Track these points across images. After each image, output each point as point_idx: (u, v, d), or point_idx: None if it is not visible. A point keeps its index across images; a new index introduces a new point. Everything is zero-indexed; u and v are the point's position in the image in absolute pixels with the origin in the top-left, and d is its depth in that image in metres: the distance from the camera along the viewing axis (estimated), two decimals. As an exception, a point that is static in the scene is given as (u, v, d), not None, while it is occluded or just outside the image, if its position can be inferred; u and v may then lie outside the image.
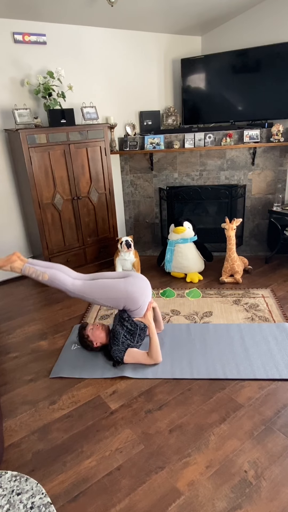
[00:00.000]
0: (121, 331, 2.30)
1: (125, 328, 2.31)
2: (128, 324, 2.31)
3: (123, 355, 2.25)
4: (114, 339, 2.29)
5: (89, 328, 2.39)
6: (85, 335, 2.37)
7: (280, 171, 3.88)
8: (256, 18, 3.64)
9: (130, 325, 2.31)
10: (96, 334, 2.36)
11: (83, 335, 2.38)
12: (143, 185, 4.14)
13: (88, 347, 2.38)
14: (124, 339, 2.29)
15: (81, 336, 2.39)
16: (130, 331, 2.31)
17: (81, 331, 2.40)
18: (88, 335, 2.36)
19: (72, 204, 3.42)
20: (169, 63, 4.04)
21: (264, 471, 1.62)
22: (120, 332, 2.30)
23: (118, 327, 2.32)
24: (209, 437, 1.80)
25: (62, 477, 1.66)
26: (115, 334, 2.31)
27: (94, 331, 2.37)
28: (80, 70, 3.51)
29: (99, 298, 2.28)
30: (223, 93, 3.88)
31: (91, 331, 2.37)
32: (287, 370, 2.15)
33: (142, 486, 1.60)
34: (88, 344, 2.37)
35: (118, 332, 2.30)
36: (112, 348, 2.28)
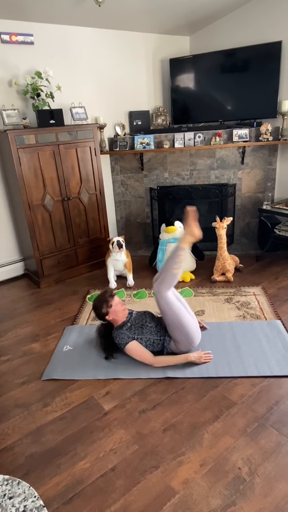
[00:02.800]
0: (149, 325, 2.29)
1: (153, 331, 2.30)
2: (160, 336, 2.30)
3: (127, 342, 2.22)
4: (128, 325, 2.27)
5: (117, 300, 2.33)
6: (109, 302, 2.29)
7: (269, 170, 3.92)
8: (244, 18, 3.66)
9: (160, 336, 2.30)
10: (118, 309, 2.30)
11: (107, 300, 2.29)
12: (134, 185, 4.14)
13: (100, 311, 2.29)
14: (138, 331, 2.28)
15: (103, 300, 2.29)
16: (152, 337, 2.30)
17: (106, 296, 2.31)
18: (111, 304, 2.29)
19: (62, 205, 3.40)
20: (157, 63, 4.04)
21: (257, 467, 1.63)
22: (148, 325, 2.29)
23: (148, 322, 2.31)
24: (203, 435, 1.81)
25: (56, 480, 1.65)
26: (136, 322, 2.28)
27: (119, 305, 2.31)
28: (69, 70, 3.49)
29: (172, 317, 2.22)
30: (212, 92, 3.90)
31: (117, 303, 2.31)
32: (278, 367, 2.17)
33: (137, 486, 1.60)
34: (102, 309, 2.28)
35: (144, 323, 2.29)
36: (119, 330, 2.24)
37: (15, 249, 3.69)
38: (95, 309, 2.34)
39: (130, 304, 3.07)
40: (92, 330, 2.70)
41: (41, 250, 3.38)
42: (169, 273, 2.20)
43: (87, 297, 3.21)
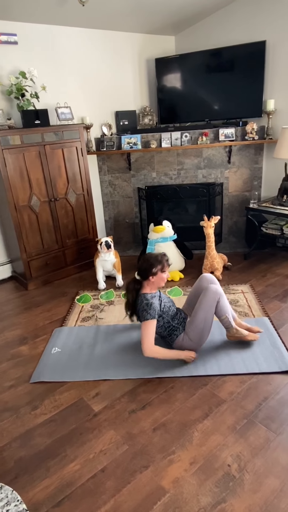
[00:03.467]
0: (174, 309, 2.30)
1: (174, 317, 2.30)
2: (177, 324, 2.30)
3: (151, 317, 2.15)
4: (159, 299, 2.25)
5: (168, 273, 2.26)
6: (164, 267, 2.20)
7: (255, 169, 3.95)
8: (228, 18, 3.69)
9: (177, 324, 2.30)
10: (163, 279, 2.23)
11: (164, 265, 2.20)
12: (122, 185, 4.13)
13: (151, 268, 2.18)
14: (165, 309, 2.26)
15: (161, 261, 2.20)
16: (171, 322, 2.29)
17: (164, 260, 2.22)
18: (164, 271, 2.21)
19: (49, 205, 3.37)
20: (143, 63, 4.04)
21: (247, 464, 1.65)
22: (173, 309, 2.30)
23: (173, 306, 2.33)
24: (193, 434, 1.81)
25: (45, 483, 1.64)
26: (165, 301, 2.27)
27: (165, 278, 2.24)
28: (54, 70, 3.47)
29: (206, 318, 2.23)
30: (198, 92, 3.92)
31: (166, 276, 2.24)
32: (266, 364, 2.19)
33: (127, 487, 1.59)
34: (154, 268, 2.18)
35: (170, 306, 2.30)
36: (151, 300, 2.18)
37: (2, 251, 3.65)
38: (146, 262, 2.20)
39: (120, 304, 3.06)
40: (81, 332, 2.69)
41: (28, 252, 3.35)
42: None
43: (76, 299, 3.19)
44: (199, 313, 2.23)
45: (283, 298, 2.96)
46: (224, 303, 2.26)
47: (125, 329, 2.68)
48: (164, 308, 2.27)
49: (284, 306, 2.84)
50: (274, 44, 3.47)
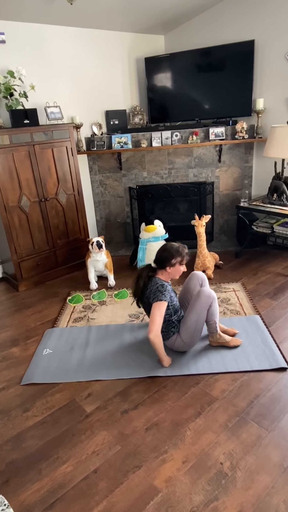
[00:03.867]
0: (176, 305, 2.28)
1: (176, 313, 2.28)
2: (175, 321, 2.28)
3: (165, 299, 2.13)
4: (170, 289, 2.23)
5: (184, 267, 2.24)
6: (183, 260, 2.19)
7: (245, 168, 3.97)
8: (217, 17, 3.70)
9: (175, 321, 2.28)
10: (178, 272, 2.22)
11: (183, 257, 2.19)
12: (113, 184, 4.12)
13: (170, 259, 2.16)
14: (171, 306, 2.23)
15: (181, 254, 2.18)
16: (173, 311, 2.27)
17: (184, 253, 2.20)
18: (183, 264, 2.21)
19: (39, 206, 3.34)
20: (133, 62, 4.03)
21: (239, 461, 1.65)
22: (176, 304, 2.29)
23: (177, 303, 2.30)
24: (185, 433, 1.82)
25: (37, 485, 1.62)
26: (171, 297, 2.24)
27: (181, 271, 2.23)
28: (43, 70, 3.44)
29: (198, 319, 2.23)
30: (188, 91, 3.92)
31: (182, 269, 2.23)
32: (257, 362, 2.20)
33: (120, 487, 1.59)
34: (174, 259, 2.16)
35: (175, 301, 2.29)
36: (165, 287, 2.16)
37: (-7, 252, 3.61)
38: (166, 252, 2.17)
39: (112, 305, 3.05)
40: (73, 332, 2.67)
41: (18, 253, 3.32)
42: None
43: (68, 299, 3.17)
44: (191, 314, 2.23)
45: (274, 296, 2.98)
46: (215, 308, 2.26)
47: (117, 329, 2.68)
48: (171, 299, 2.24)
49: (275, 304, 2.86)
50: (262, 44, 3.49)
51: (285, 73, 3.42)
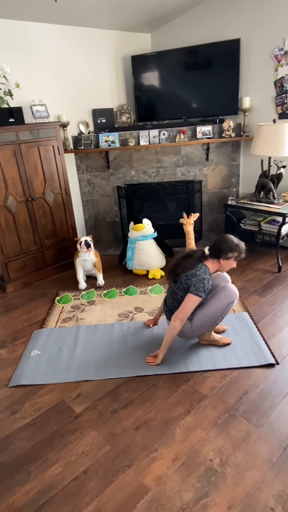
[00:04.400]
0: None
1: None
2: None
3: (201, 294, 2.09)
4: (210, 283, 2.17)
5: (236, 262, 2.19)
6: (240, 255, 2.13)
7: (233, 166, 4.00)
8: (203, 15, 3.71)
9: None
10: (229, 266, 2.16)
11: (240, 253, 2.12)
12: (101, 183, 4.10)
13: (228, 251, 2.10)
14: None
15: (240, 251, 2.12)
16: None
17: (243, 251, 2.13)
18: (237, 260, 2.15)
19: (26, 205, 3.30)
20: (120, 60, 4.02)
21: (228, 457, 1.66)
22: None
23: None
24: (175, 430, 1.82)
25: (26, 488, 1.61)
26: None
27: (232, 265, 2.17)
28: (28, 67, 3.39)
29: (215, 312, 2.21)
30: (175, 89, 3.92)
31: (234, 265, 2.17)
32: (246, 358, 2.22)
33: (110, 487, 1.58)
34: (231, 253, 2.11)
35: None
36: (208, 280, 2.11)
37: (-21, 253, 3.55)
38: (226, 244, 2.10)
39: (101, 304, 3.04)
40: (62, 333, 2.65)
41: (5, 253, 3.27)
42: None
43: (56, 299, 3.14)
44: (211, 305, 2.18)
45: (262, 293, 3.01)
46: (230, 309, 2.23)
47: (106, 329, 2.66)
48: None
49: (263, 301, 2.89)
50: (248, 42, 3.51)
51: (271, 72, 3.45)
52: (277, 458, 1.64)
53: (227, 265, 2.15)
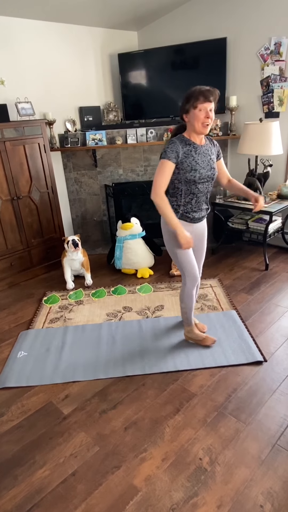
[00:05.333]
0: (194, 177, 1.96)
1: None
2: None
3: (168, 157, 1.89)
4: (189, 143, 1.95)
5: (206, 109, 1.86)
6: (198, 101, 1.85)
7: (220, 164, 4.01)
8: (189, 14, 3.70)
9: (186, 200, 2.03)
10: (199, 117, 1.86)
11: (197, 99, 1.85)
12: (88, 182, 4.06)
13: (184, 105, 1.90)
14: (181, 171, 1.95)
15: (192, 92, 1.88)
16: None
17: (200, 96, 1.86)
18: (197, 106, 1.85)
19: (12, 204, 3.25)
20: (106, 58, 3.98)
21: (218, 456, 1.66)
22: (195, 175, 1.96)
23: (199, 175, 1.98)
24: (164, 430, 1.81)
25: (13, 492, 1.57)
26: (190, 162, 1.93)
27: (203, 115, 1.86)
28: (13, 64, 3.33)
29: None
30: (162, 88, 3.91)
31: (205, 112, 1.86)
32: (234, 356, 2.23)
33: (99, 489, 1.56)
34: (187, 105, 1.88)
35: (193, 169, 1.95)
36: (172, 141, 1.93)
37: None
38: (185, 98, 1.90)
39: (89, 304, 3.01)
40: (49, 334, 2.61)
41: (-9, 253, 3.21)
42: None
43: (43, 300, 3.10)
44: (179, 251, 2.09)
45: (249, 291, 3.02)
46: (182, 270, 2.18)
47: (94, 328, 2.64)
48: (186, 162, 1.92)
49: (251, 299, 2.90)
50: (234, 41, 3.52)
51: (257, 71, 3.47)
52: (266, 455, 1.64)
53: (193, 118, 1.88)
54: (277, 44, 3.26)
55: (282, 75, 3.33)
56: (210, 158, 2.01)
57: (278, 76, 3.35)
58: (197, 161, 1.95)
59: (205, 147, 2.01)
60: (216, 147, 2.10)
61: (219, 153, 2.12)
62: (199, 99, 1.85)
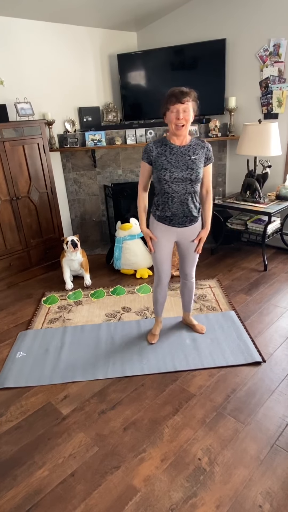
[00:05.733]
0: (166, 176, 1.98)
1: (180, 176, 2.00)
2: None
3: (144, 158, 2.01)
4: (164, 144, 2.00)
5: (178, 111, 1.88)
6: (170, 103, 1.88)
7: (219, 165, 4.02)
8: (189, 15, 3.71)
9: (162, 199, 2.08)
10: (171, 118, 1.89)
11: (169, 101, 1.88)
12: (87, 182, 4.06)
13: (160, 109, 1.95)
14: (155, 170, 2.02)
15: (166, 94, 1.91)
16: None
17: (173, 99, 1.89)
18: (169, 108, 1.89)
19: (11, 204, 3.24)
20: (106, 59, 3.98)
21: (217, 456, 1.66)
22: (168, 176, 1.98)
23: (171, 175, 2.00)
24: (163, 430, 1.81)
25: (12, 493, 1.57)
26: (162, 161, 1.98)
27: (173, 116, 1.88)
28: (12, 64, 3.33)
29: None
30: (161, 89, 3.91)
31: (177, 113, 1.88)
32: (233, 357, 2.23)
33: (98, 489, 1.56)
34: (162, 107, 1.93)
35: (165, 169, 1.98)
36: (147, 144, 2.03)
37: None
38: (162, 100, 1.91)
39: (88, 304, 3.01)
40: (48, 334, 2.61)
41: (-10, 253, 3.21)
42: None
43: (42, 300, 3.10)
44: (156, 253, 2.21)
45: (248, 291, 3.03)
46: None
47: (93, 329, 2.64)
48: (158, 162, 1.97)
49: (250, 299, 2.91)
50: (233, 43, 3.53)
51: (256, 72, 3.48)
52: (265, 455, 1.65)
53: (168, 120, 1.91)
54: (276, 46, 3.27)
55: (281, 76, 3.34)
56: (190, 159, 1.96)
57: (277, 77, 3.36)
58: (170, 160, 1.96)
59: (185, 148, 1.97)
60: (206, 151, 2.00)
61: (208, 157, 2.02)
62: (171, 100, 1.86)
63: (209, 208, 2.16)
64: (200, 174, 2.00)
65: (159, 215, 2.11)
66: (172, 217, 2.08)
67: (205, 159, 2.01)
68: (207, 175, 2.09)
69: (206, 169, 2.06)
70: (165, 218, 2.10)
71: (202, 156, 2.00)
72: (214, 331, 2.49)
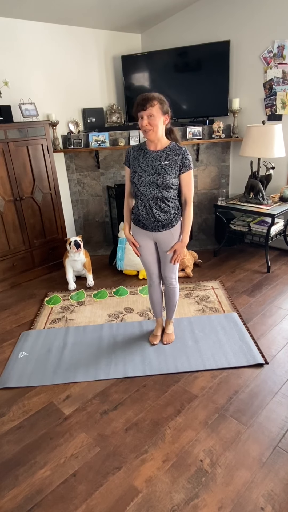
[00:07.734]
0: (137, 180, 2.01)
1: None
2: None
3: (124, 163, 2.09)
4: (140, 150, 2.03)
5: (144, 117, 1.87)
6: (137, 108, 1.89)
7: (223, 167, 4.02)
8: (193, 17, 3.72)
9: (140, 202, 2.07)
10: (140, 123, 1.89)
11: (137, 106, 1.89)
12: (91, 183, 4.07)
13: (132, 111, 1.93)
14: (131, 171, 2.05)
15: (136, 105, 1.90)
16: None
17: (140, 103, 1.89)
18: (137, 114, 1.90)
19: (14, 205, 3.26)
20: (110, 60, 4.00)
21: (218, 458, 1.66)
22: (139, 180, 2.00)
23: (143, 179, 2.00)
24: (165, 431, 1.81)
25: (14, 492, 1.57)
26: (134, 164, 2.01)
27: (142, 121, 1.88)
28: (17, 66, 3.35)
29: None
30: (165, 90, 3.90)
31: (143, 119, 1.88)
32: (235, 358, 2.23)
33: (99, 489, 1.56)
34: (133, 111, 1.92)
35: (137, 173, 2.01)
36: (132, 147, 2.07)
37: None
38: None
39: (91, 305, 3.01)
40: (50, 334, 2.62)
41: (-7, 253, 3.22)
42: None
43: (45, 300, 3.11)
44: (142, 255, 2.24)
45: (251, 293, 3.02)
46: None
47: (95, 329, 2.64)
48: (132, 165, 2.02)
49: (252, 301, 2.90)
50: (238, 44, 3.53)
51: (260, 74, 3.48)
52: (267, 457, 1.64)
53: (140, 126, 1.93)
54: (280, 47, 3.27)
55: (285, 78, 3.33)
56: (160, 164, 1.93)
57: (281, 79, 3.35)
58: (140, 164, 1.98)
59: (158, 153, 1.95)
60: (181, 158, 1.92)
61: (183, 164, 1.93)
62: (137, 108, 1.90)
63: (187, 219, 2.05)
64: (168, 180, 1.93)
65: (134, 218, 2.14)
66: (144, 221, 2.08)
67: (180, 165, 1.94)
68: (186, 184, 1.99)
69: (183, 177, 1.97)
70: (138, 222, 2.12)
71: (176, 162, 1.93)
72: (216, 332, 2.49)
